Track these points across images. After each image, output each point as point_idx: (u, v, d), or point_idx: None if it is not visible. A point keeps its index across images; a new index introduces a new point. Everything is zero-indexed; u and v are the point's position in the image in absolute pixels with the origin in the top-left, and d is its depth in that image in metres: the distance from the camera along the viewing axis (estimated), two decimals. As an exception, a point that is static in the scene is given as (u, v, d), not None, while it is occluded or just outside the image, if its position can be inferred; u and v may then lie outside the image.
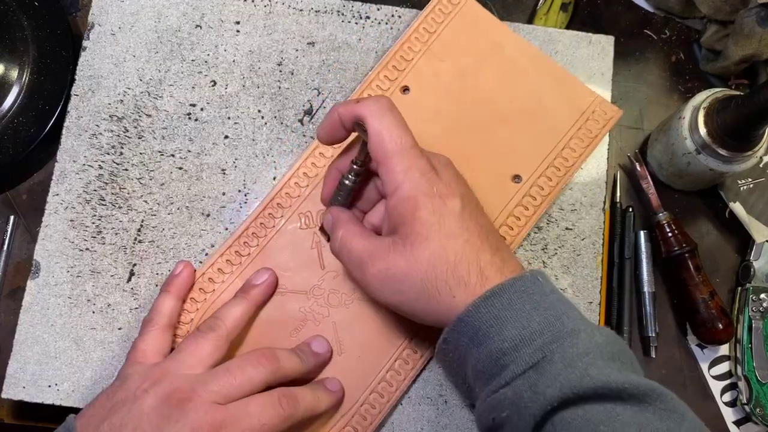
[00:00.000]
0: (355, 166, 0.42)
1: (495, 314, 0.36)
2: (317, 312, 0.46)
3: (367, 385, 0.45)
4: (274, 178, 0.50)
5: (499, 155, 0.49)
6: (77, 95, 0.51)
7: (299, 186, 0.48)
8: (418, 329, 0.46)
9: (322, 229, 0.48)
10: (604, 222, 0.51)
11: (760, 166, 0.56)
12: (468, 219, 0.38)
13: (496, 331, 0.36)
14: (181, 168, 0.50)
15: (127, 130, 0.51)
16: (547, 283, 0.38)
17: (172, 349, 0.44)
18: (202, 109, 0.51)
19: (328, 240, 0.47)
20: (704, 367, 0.53)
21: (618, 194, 0.55)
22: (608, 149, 0.52)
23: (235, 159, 0.50)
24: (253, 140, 0.51)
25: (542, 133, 0.49)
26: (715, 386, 0.53)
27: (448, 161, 0.42)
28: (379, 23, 0.53)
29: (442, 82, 0.50)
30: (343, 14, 0.53)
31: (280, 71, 0.52)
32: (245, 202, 0.50)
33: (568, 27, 0.58)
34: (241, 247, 0.47)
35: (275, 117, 0.51)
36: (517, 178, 0.49)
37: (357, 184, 0.43)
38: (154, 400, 0.38)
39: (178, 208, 0.49)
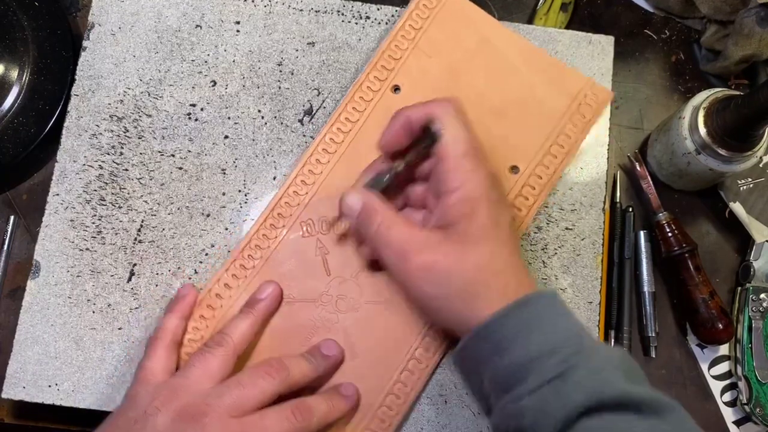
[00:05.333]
0: (402, 163, 0.42)
1: (524, 322, 0.37)
2: (327, 319, 0.46)
3: (383, 387, 0.45)
4: (274, 178, 0.50)
5: (494, 147, 0.49)
6: (77, 95, 0.51)
7: (298, 194, 0.48)
8: (429, 328, 0.46)
9: (324, 235, 0.47)
10: (604, 222, 0.51)
11: (760, 166, 0.56)
12: (514, 231, 0.40)
13: (524, 338, 0.36)
14: (181, 168, 0.50)
15: (127, 130, 0.51)
16: (565, 302, 0.40)
17: (178, 367, 0.44)
18: (202, 109, 0.51)
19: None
20: (704, 367, 0.53)
21: (618, 194, 0.55)
22: (608, 149, 0.52)
23: (235, 159, 0.50)
24: (253, 140, 0.51)
25: (536, 122, 0.50)
26: (715, 386, 0.53)
27: (498, 173, 0.43)
28: (379, 23, 0.53)
29: (433, 78, 0.50)
30: (343, 14, 0.53)
31: (280, 71, 0.52)
32: (245, 202, 0.50)
33: (568, 27, 0.58)
34: (245, 261, 0.47)
35: (275, 117, 0.51)
36: (514, 169, 0.49)
37: (392, 181, 0.42)
38: (166, 417, 0.38)
39: (178, 208, 0.49)
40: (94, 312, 0.48)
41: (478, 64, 0.50)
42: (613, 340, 0.52)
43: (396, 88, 0.50)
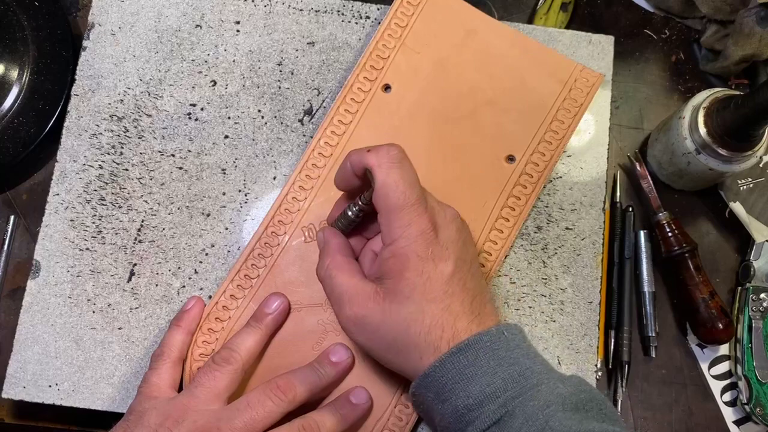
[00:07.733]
0: (360, 203, 0.42)
1: (460, 371, 0.36)
2: (336, 322, 0.45)
3: (397, 386, 0.45)
4: (275, 178, 0.50)
5: (490, 139, 0.49)
6: (77, 95, 0.51)
7: (297, 200, 0.48)
8: None
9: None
10: (604, 222, 0.51)
11: (760, 166, 0.56)
12: (455, 284, 0.38)
13: (461, 388, 0.36)
14: (181, 168, 0.50)
15: (127, 130, 0.51)
16: (514, 337, 0.38)
17: (182, 381, 0.44)
18: (202, 109, 0.51)
19: None
20: (704, 367, 0.53)
21: (618, 194, 0.55)
22: (608, 149, 0.52)
23: (235, 159, 0.50)
24: (253, 140, 0.51)
25: (529, 111, 0.50)
26: (715, 386, 0.53)
27: (455, 216, 0.41)
28: (379, 23, 0.53)
29: (423, 74, 0.50)
30: (343, 14, 0.53)
31: (280, 71, 0.52)
32: (245, 202, 0.50)
33: (568, 27, 0.58)
34: (249, 270, 0.47)
35: (275, 117, 0.51)
36: (510, 158, 0.49)
37: (359, 218, 0.43)
38: None
39: (179, 208, 0.49)
40: (94, 312, 0.48)
41: (467, 56, 0.51)
42: (613, 340, 0.52)
43: (387, 87, 0.50)
